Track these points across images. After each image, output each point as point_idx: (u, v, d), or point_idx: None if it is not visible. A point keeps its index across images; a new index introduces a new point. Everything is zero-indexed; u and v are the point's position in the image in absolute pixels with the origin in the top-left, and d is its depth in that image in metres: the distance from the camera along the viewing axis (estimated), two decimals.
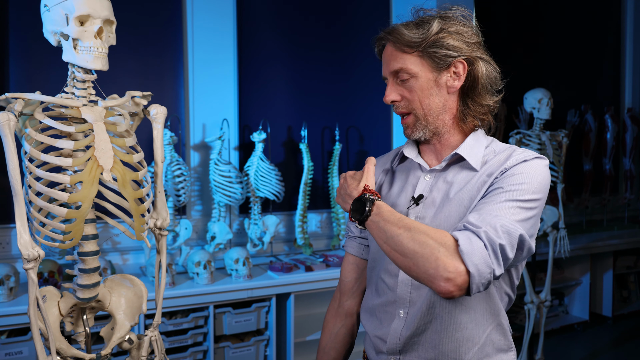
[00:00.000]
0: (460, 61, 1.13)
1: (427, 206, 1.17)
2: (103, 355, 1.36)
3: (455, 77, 1.14)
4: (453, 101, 1.17)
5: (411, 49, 1.13)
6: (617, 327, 4.10)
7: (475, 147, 1.17)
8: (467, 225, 0.99)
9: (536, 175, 1.07)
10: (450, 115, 1.18)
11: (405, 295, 1.18)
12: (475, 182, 1.13)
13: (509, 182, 1.06)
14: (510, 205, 1.02)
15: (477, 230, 0.97)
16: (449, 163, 1.19)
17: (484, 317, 1.15)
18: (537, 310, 3.23)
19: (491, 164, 1.14)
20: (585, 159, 4.30)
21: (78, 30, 1.20)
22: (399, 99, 1.19)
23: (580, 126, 4.29)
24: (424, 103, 1.15)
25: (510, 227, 0.99)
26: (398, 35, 1.14)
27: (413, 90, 1.15)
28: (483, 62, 1.14)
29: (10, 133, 1.16)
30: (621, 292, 4.41)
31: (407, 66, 1.15)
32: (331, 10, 3.50)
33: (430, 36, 1.11)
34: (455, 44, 1.11)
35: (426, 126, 1.17)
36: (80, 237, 1.23)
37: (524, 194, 1.04)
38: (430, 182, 1.20)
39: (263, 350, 2.77)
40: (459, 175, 1.16)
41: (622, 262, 4.27)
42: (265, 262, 3.01)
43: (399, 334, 1.18)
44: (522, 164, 1.09)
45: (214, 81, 3.09)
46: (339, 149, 3.29)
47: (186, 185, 2.76)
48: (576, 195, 4.30)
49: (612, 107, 4.38)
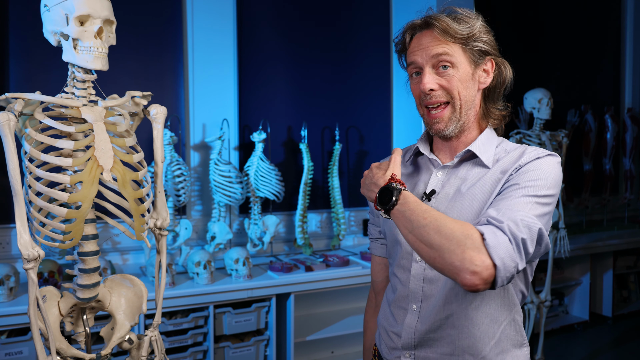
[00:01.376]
0: (491, 60, 1.18)
1: (440, 201, 1.18)
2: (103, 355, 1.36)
3: (486, 74, 1.18)
4: (479, 98, 1.20)
5: (455, 39, 1.14)
6: (617, 327, 4.10)
7: (487, 145, 1.19)
8: (489, 220, 1.00)
9: (550, 171, 1.09)
10: (474, 112, 1.20)
11: (418, 289, 1.19)
12: (488, 179, 1.14)
13: (524, 179, 1.07)
14: (527, 200, 1.03)
15: (501, 225, 0.98)
16: (461, 160, 1.21)
17: (499, 313, 1.16)
18: (537, 310, 3.22)
19: (504, 161, 1.16)
20: (585, 159, 4.30)
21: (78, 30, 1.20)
22: (436, 88, 1.16)
23: (580, 126, 4.28)
24: (462, 94, 1.15)
25: (530, 221, 1.00)
26: (445, 23, 1.14)
27: (453, 79, 1.15)
28: (505, 67, 1.20)
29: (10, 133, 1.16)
30: (621, 292, 4.41)
31: (452, 53, 1.14)
32: (331, 11, 3.49)
33: (475, 30, 1.15)
34: (491, 43, 1.18)
35: (459, 120, 1.17)
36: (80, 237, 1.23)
37: (539, 189, 1.06)
38: (443, 179, 1.21)
39: (263, 350, 2.77)
40: (471, 172, 1.18)
41: (622, 262, 4.27)
42: (265, 262, 3.01)
43: (413, 328, 1.19)
44: (536, 161, 1.10)
45: (214, 81, 3.09)
46: (339, 149, 3.29)
47: (186, 185, 2.76)
48: (576, 195, 4.30)
49: (612, 107, 4.38)
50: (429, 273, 1.18)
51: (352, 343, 3.19)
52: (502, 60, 1.20)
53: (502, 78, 1.20)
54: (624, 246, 4.03)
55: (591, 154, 4.27)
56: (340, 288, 2.91)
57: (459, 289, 1.14)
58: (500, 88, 1.20)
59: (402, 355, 1.22)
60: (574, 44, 4.44)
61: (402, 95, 3.68)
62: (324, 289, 2.86)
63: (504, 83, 1.20)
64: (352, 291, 3.21)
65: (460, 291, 1.14)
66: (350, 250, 3.35)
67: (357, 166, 3.60)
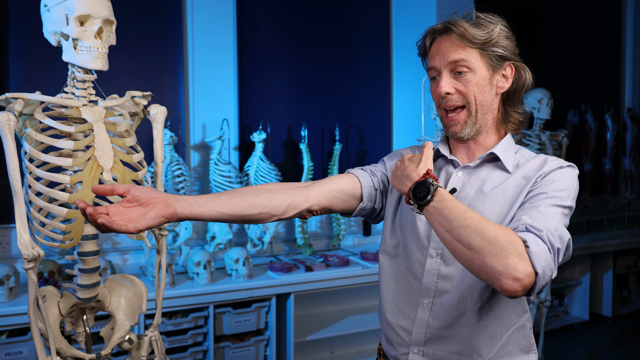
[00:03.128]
0: (510, 65, 1.19)
1: (461, 200, 1.18)
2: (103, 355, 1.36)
3: (505, 79, 1.19)
4: (497, 103, 1.21)
5: (473, 44, 1.16)
6: (617, 327, 4.10)
7: (508, 150, 1.21)
8: (528, 227, 1.00)
9: (572, 182, 1.12)
10: (492, 116, 1.21)
11: (431, 284, 1.19)
12: (510, 184, 1.15)
13: (551, 188, 1.09)
14: (557, 210, 1.05)
15: (540, 234, 0.98)
16: (482, 161, 1.22)
17: (510, 317, 1.17)
18: (537, 310, 3.23)
19: (525, 168, 1.17)
20: (585, 159, 4.30)
21: (78, 30, 1.20)
22: (452, 92, 1.18)
23: (580, 126, 4.28)
24: (478, 98, 1.17)
25: (562, 231, 1.02)
26: (463, 29, 1.15)
27: (469, 84, 1.17)
28: (525, 71, 1.21)
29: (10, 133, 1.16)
30: (621, 292, 4.40)
31: (469, 59, 1.16)
32: (331, 10, 3.49)
33: (493, 36, 1.16)
34: (511, 48, 1.19)
35: (475, 123, 1.19)
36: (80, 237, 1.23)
37: (565, 200, 1.08)
38: (463, 179, 1.22)
39: (263, 350, 2.77)
40: (492, 174, 1.19)
41: (622, 262, 4.27)
42: (265, 262, 3.01)
43: (425, 323, 1.19)
44: (559, 170, 1.13)
45: (214, 81, 3.09)
46: (339, 149, 3.29)
47: (186, 185, 2.76)
48: None
49: (612, 107, 4.38)
50: (443, 269, 1.17)
51: (352, 343, 3.19)
52: (522, 65, 1.21)
53: (522, 83, 1.21)
54: (624, 246, 4.03)
55: (591, 154, 4.27)
56: (340, 288, 2.91)
57: (475, 288, 1.14)
58: (519, 93, 1.22)
59: (410, 352, 1.21)
60: (574, 44, 4.44)
61: (402, 95, 3.68)
62: (324, 289, 2.86)
63: (523, 88, 1.22)
64: (352, 291, 3.20)
65: (475, 291, 1.14)
66: (350, 250, 3.35)
67: (357, 166, 3.60)
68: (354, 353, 3.21)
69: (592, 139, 4.25)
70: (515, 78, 1.20)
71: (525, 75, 1.21)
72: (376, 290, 3.22)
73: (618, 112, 4.62)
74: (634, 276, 4.43)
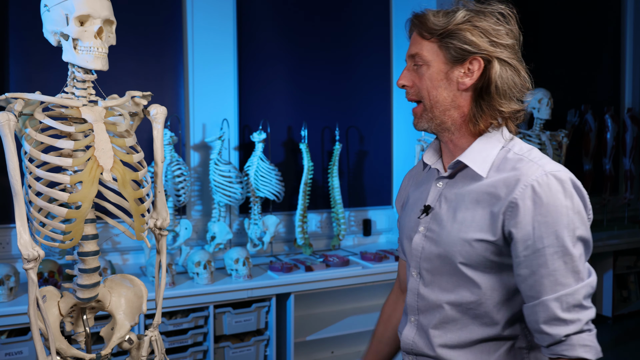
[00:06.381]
0: (477, 59, 1.07)
1: (436, 219, 1.14)
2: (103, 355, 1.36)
3: (468, 74, 1.08)
4: (465, 99, 1.11)
5: (430, 35, 1.09)
6: (617, 327, 4.10)
7: (485, 151, 1.10)
8: (563, 339, 0.98)
9: (558, 205, 0.99)
10: (460, 114, 1.12)
11: (414, 303, 1.19)
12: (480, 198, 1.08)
13: (538, 236, 0.99)
14: (565, 268, 0.98)
15: (575, 328, 0.97)
16: (456, 170, 1.15)
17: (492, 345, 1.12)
18: None
19: (499, 179, 1.06)
20: (585, 159, 4.30)
21: (78, 30, 1.20)
22: (410, 85, 1.15)
23: (580, 126, 4.28)
24: (431, 94, 1.11)
25: (588, 289, 0.99)
26: (422, 19, 1.11)
27: (423, 78, 1.12)
28: (503, 65, 1.08)
29: (10, 133, 1.16)
30: (621, 292, 4.40)
31: (422, 52, 1.10)
32: (331, 10, 3.49)
33: (450, 25, 1.06)
34: (474, 40, 1.06)
35: (432, 119, 1.13)
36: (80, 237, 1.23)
37: (563, 240, 0.98)
38: (441, 190, 1.16)
39: (263, 350, 2.77)
40: (466, 187, 1.11)
41: (622, 262, 4.27)
42: (265, 262, 3.01)
43: (411, 339, 1.20)
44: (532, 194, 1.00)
45: (214, 81, 3.09)
46: (339, 149, 3.29)
47: (186, 185, 2.76)
48: None
49: (612, 107, 4.38)
50: (422, 290, 1.17)
51: (352, 343, 3.19)
52: (497, 58, 1.07)
53: (490, 76, 1.07)
54: (624, 246, 4.03)
55: (591, 154, 4.27)
56: (340, 288, 2.91)
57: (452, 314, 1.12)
58: (489, 88, 1.08)
59: (406, 357, 1.23)
60: (574, 43, 4.44)
61: (402, 95, 3.67)
62: (324, 289, 2.86)
63: (492, 82, 1.07)
64: (352, 291, 3.20)
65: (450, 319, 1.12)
66: (350, 250, 3.35)
67: (357, 166, 3.60)
68: (354, 353, 3.21)
69: (592, 139, 4.25)
70: (485, 73, 1.07)
71: (496, 69, 1.06)
72: (376, 290, 3.22)
73: (618, 112, 4.62)
74: (634, 276, 4.43)
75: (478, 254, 1.06)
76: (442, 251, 1.11)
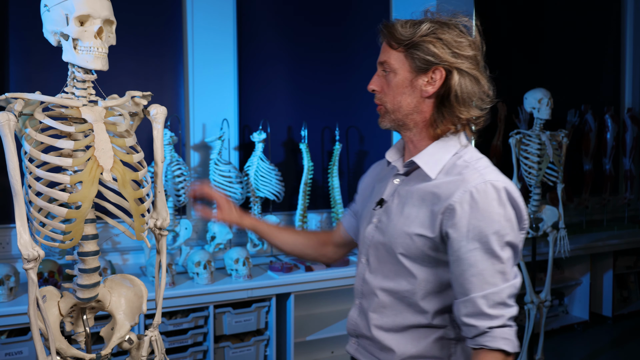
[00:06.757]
0: (439, 69, 1.14)
1: (387, 212, 1.24)
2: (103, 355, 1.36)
3: (431, 82, 1.16)
4: (427, 106, 1.19)
5: (397, 45, 1.17)
6: (617, 327, 4.10)
7: (438, 154, 1.19)
8: (487, 331, 1.06)
9: (492, 211, 1.08)
10: (422, 118, 1.20)
11: (359, 286, 1.30)
12: (426, 194, 1.16)
13: (470, 237, 1.07)
14: (492, 268, 1.07)
15: (499, 322, 1.07)
16: (411, 169, 1.24)
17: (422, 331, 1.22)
18: (537, 310, 3.22)
19: (444, 182, 1.15)
20: (585, 159, 4.30)
21: (78, 30, 1.20)
22: (379, 90, 1.23)
23: (580, 126, 4.28)
24: (395, 100, 1.19)
25: (512, 289, 1.08)
26: (390, 29, 1.19)
27: (390, 84, 1.20)
28: (463, 75, 1.14)
29: (10, 133, 1.16)
30: (621, 292, 4.40)
31: (390, 61, 1.19)
32: (331, 11, 3.49)
33: (415, 37, 1.14)
34: (437, 52, 1.13)
35: (394, 120, 1.22)
36: (80, 237, 1.23)
37: (493, 244, 1.07)
38: (397, 186, 1.26)
39: (263, 350, 2.77)
40: (416, 186, 1.20)
41: (622, 262, 4.27)
42: (265, 262, 3.01)
43: (355, 321, 1.30)
44: (470, 200, 1.08)
45: (214, 81, 3.09)
46: (339, 149, 3.29)
47: (186, 185, 2.76)
48: (576, 195, 4.30)
49: (612, 107, 4.38)
50: (367, 276, 1.26)
51: None
52: (458, 69, 1.13)
53: (450, 86, 1.14)
54: (624, 246, 4.03)
55: (591, 154, 4.27)
56: (340, 288, 2.91)
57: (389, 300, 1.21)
58: (449, 96, 1.14)
59: (350, 340, 1.34)
60: (574, 43, 4.44)
61: None
62: (324, 289, 2.86)
63: (452, 92, 1.14)
64: (352, 291, 3.19)
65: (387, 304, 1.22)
66: None
67: (357, 166, 3.60)
68: None
69: (592, 139, 4.25)
70: (447, 83, 1.14)
71: (455, 79, 1.13)
72: None
73: (618, 112, 4.62)
74: (634, 276, 4.43)
75: (417, 247, 1.15)
76: (387, 241, 1.21)
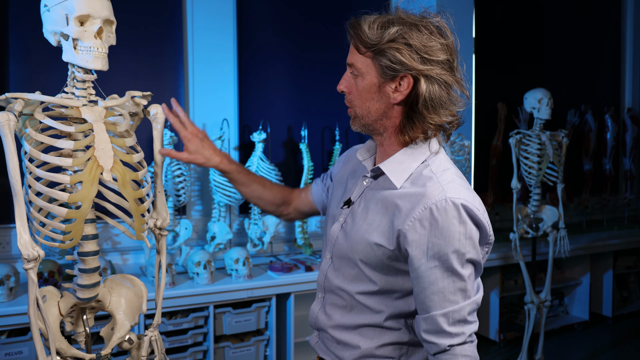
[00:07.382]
0: (407, 76, 1.08)
1: (353, 215, 1.22)
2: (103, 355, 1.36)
3: (399, 89, 1.10)
4: (397, 111, 1.14)
5: (365, 49, 1.12)
6: (617, 327, 4.10)
7: (405, 162, 1.14)
8: (447, 349, 1.06)
9: (452, 230, 1.04)
10: (391, 124, 1.16)
11: (322, 282, 1.29)
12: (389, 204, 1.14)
13: (430, 255, 1.05)
14: (452, 285, 1.05)
15: (459, 340, 1.06)
16: (378, 174, 1.20)
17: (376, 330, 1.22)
18: (537, 310, 3.22)
19: (407, 192, 1.11)
20: (585, 159, 4.30)
21: (78, 30, 1.20)
22: (348, 91, 1.19)
23: (580, 126, 4.28)
24: (363, 104, 1.15)
25: (473, 306, 1.07)
26: (357, 31, 1.14)
27: (358, 88, 1.15)
28: (432, 82, 1.07)
29: (10, 133, 1.16)
30: (621, 292, 4.40)
31: (357, 64, 1.14)
32: (331, 11, 3.49)
33: (382, 43, 1.08)
34: (403, 59, 1.06)
35: (364, 125, 1.18)
36: (80, 237, 1.23)
37: (453, 262, 1.05)
38: (365, 188, 1.23)
39: (263, 350, 2.77)
40: (382, 192, 1.17)
41: (622, 262, 4.27)
42: (265, 262, 3.01)
43: (315, 314, 1.30)
44: (430, 217, 1.05)
45: (214, 81, 3.09)
46: (339, 149, 3.29)
47: (186, 185, 2.76)
48: (576, 195, 4.30)
49: (612, 107, 4.38)
50: (330, 273, 1.26)
51: None
52: (425, 75, 1.07)
53: (418, 94, 1.08)
54: (624, 246, 4.03)
55: (591, 154, 4.27)
56: None
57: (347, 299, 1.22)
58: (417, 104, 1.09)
59: (313, 333, 1.34)
60: (574, 43, 4.44)
61: None
62: None
63: (419, 99, 1.08)
64: None
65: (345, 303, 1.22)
66: None
67: None
68: None
69: (592, 139, 4.25)
70: (415, 90, 1.08)
71: (423, 87, 1.07)
72: None
73: (618, 112, 4.62)
74: (634, 276, 4.43)
75: (376, 256, 1.14)
76: (349, 246, 1.19)
